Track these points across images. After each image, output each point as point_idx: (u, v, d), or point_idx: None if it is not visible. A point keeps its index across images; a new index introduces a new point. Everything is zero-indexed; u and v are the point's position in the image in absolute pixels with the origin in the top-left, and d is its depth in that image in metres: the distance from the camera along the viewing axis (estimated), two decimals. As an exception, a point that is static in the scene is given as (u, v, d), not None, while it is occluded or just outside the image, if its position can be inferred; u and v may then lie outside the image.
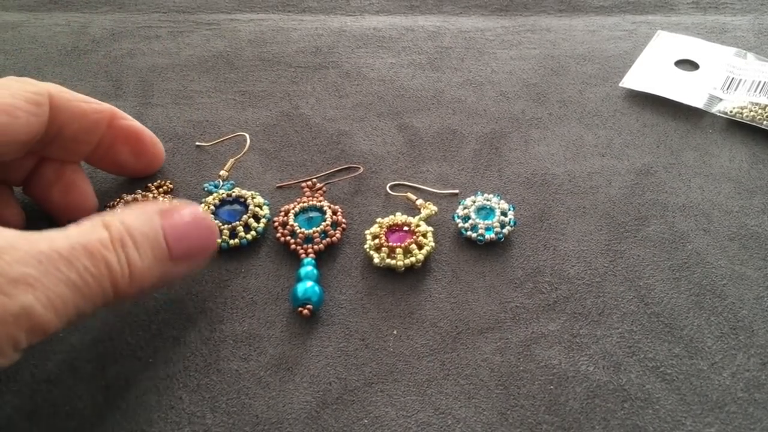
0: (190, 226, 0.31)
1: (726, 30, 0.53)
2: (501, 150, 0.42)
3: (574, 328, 0.32)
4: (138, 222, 0.29)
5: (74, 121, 0.34)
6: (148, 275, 0.29)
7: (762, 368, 0.31)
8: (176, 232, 0.30)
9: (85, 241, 0.26)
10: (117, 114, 0.37)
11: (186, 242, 0.30)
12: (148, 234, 0.29)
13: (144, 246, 0.28)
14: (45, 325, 0.24)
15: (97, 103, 0.36)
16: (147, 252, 0.28)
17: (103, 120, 0.36)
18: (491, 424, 0.29)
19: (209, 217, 0.34)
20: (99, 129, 0.36)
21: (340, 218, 0.37)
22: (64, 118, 0.34)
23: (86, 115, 0.35)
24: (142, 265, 0.28)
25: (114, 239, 0.27)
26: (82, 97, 0.35)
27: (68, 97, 0.34)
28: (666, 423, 0.29)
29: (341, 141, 0.43)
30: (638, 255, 0.36)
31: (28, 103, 0.31)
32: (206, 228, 0.32)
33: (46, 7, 0.56)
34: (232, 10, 0.56)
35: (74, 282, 0.25)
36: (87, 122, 0.35)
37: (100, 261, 0.26)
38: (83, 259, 0.26)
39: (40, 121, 0.32)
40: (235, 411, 0.29)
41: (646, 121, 0.45)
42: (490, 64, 0.50)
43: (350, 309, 0.33)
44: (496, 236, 0.36)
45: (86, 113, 0.35)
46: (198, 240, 0.31)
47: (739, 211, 0.38)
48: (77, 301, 0.25)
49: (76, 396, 0.30)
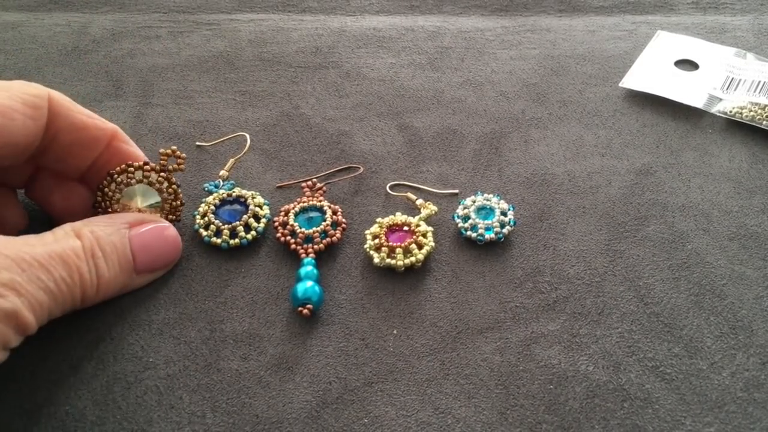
0: (155, 240, 0.33)
1: (726, 30, 0.53)
2: (501, 150, 0.42)
3: (574, 328, 0.32)
4: (107, 233, 0.31)
5: (71, 132, 0.33)
6: (113, 285, 0.31)
7: (761, 368, 0.31)
8: (142, 244, 0.32)
9: (61, 250, 0.28)
10: (119, 136, 0.35)
11: (151, 255, 0.33)
12: (116, 245, 0.31)
13: (112, 257, 0.31)
14: (27, 326, 0.27)
15: (100, 120, 0.34)
16: (114, 263, 0.31)
17: (103, 138, 0.34)
18: (491, 423, 0.29)
19: (174, 231, 0.34)
20: (97, 146, 0.34)
21: (340, 218, 0.37)
22: (61, 126, 0.33)
23: (86, 129, 0.33)
24: (108, 276, 0.30)
25: (86, 249, 0.29)
26: (86, 112, 0.34)
27: (70, 106, 0.33)
28: (665, 422, 0.29)
29: (341, 141, 0.43)
30: (638, 255, 0.36)
31: (25, 105, 0.31)
32: (171, 242, 0.34)
33: (47, 7, 0.56)
34: (232, 10, 0.56)
35: (51, 289, 0.28)
36: (85, 136, 0.33)
37: (74, 271, 0.29)
38: (60, 269, 0.28)
39: (38, 125, 0.31)
40: (235, 410, 0.29)
41: (646, 121, 0.45)
42: (490, 64, 0.50)
43: (350, 309, 0.33)
44: (495, 236, 0.36)
45: (86, 126, 0.33)
46: (162, 253, 0.34)
47: (739, 211, 0.38)
48: (51, 306, 0.28)
49: (76, 396, 0.30)
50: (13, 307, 0.26)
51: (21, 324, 0.26)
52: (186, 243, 0.36)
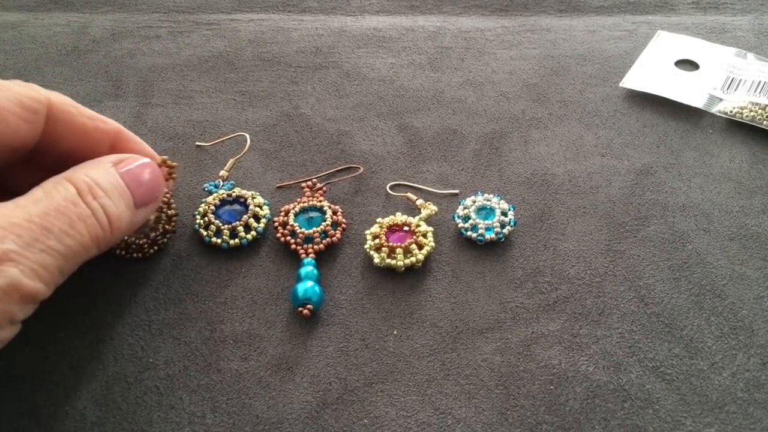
0: (143, 172, 0.32)
1: (726, 30, 0.53)
2: (501, 150, 0.42)
3: (574, 328, 0.32)
4: (99, 174, 0.30)
5: (73, 137, 0.32)
6: (123, 221, 0.30)
7: (762, 368, 0.31)
8: (134, 179, 0.31)
9: (55, 203, 0.27)
10: (123, 136, 0.34)
11: (142, 188, 0.31)
12: (112, 182, 0.30)
13: (114, 194, 0.30)
14: (35, 294, 0.26)
15: (102, 120, 0.33)
16: (118, 198, 0.30)
17: (106, 140, 0.34)
18: (491, 424, 0.29)
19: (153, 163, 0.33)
20: (100, 149, 0.33)
21: (340, 218, 0.37)
22: (63, 131, 0.32)
23: (87, 133, 0.33)
24: (117, 212, 0.29)
25: (83, 192, 0.28)
26: (88, 113, 0.33)
27: (72, 110, 0.32)
28: (666, 423, 0.29)
29: (341, 141, 0.43)
30: (638, 255, 0.36)
31: (21, 108, 0.30)
32: (154, 174, 0.33)
33: (46, 7, 0.56)
34: (232, 10, 0.56)
35: (53, 247, 0.26)
36: (87, 140, 0.33)
37: (74, 219, 0.27)
38: (58, 222, 0.26)
39: (33, 129, 0.31)
40: (235, 411, 0.29)
41: (646, 121, 0.45)
42: (490, 64, 0.50)
43: (350, 309, 0.33)
44: (496, 236, 0.36)
45: (88, 131, 0.33)
46: (151, 186, 0.32)
47: (739, 211, 0.38)
48: (60, 264, 0.26)
49: (76, 396, 0.30)
50: (10, 280, 0.24)
51: (25, 295, 0.25)
52: (186, 243, 0.36)
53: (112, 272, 0.35)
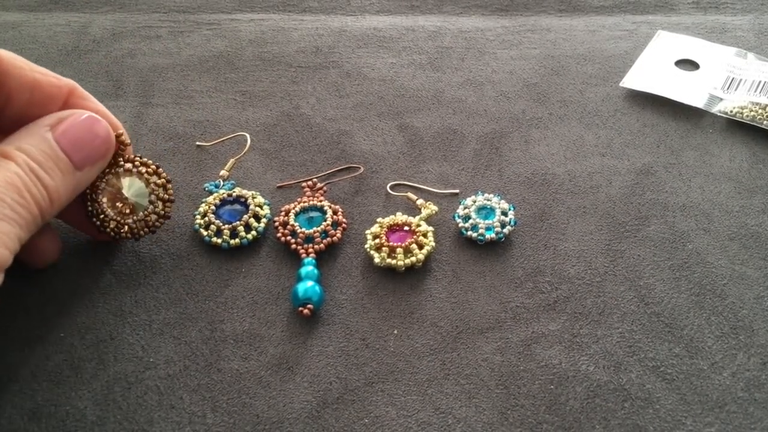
0: (82, 131, 0.31)
1: (726, 30, 0.53)
2: (501, 150, 0.42)
3: (575, 328, 0.32)
4: (33, 144, 0.30)
5: (24, 92, 0.32)
6: (62, 191, 0.30)
7: (762, 368, 0.31)
8: (71, 141, 0.31)
9: (3, 177, 0.28)
10: (76, 92, 0.33)
11: (83, 148, 0.31)
12: (47, 152, 0.30)
13: (48, 164, 0.30)
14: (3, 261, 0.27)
15: (55, 76, 0.33)
16: (53, 169, 0.30)
17: (59, 95, 0.33)
18: (491, 423, 0.29)
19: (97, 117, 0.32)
20: (53, 105, 0.33)
21: (340, 218, 0.37)
22: (13, 85, 0.31)
23: (40, 87, 0.32)
24: (53, 184, 0.30)
25: (22, 166, 0.29)
26: (39, 69, 0.32)
27: (21, 65, 0.31)
28: (666, 422, 0.29)
29: (341, 141, 0.43)
30: (638, 255, 0.36)
31: None
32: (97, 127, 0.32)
33: (47, 7, 0.56)
34: (233, 10, 0.56)
35: (9, 216, 0.27)
36: (40, 95, 0.32)
37: (23, 191, 0.28)
38: (9, 194, 0.28)
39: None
40: (235, 410, 0.29)
41: (647, 120, 0.45)
42: (490, 64, 0.50)
43: (351, 309, 0.33)
44: (496, 236, 0.36)
45: (40, 85, 0.32)
46: (94, 142, 0.32)
47: (740, 211, 0.38)
48: (18, 233, 0.28)
49: (76, 396, 0.30)
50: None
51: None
52: (186, 243, 0.36)
53: (112, 272, 0.35)
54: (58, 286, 0.34)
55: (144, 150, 0.42)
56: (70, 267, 0.35)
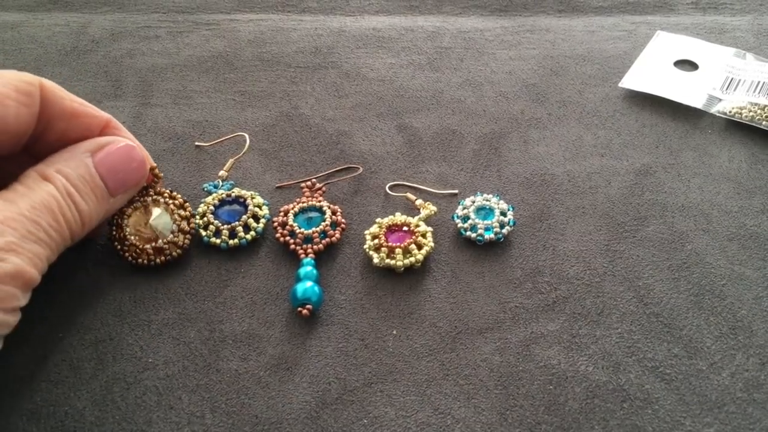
0: (120, 159, 0.33)
1: (725, 30, 0.53)
2: (500, 150, 0.42)
3: (574, 329, 0.32)
4: (73, 168, 0.31)
5: (63, 120, 0.33)
6: (94, 215, 0.31)
7: (761, 368, 0.31)
8: (109, 168, 0.32)
9: (41, 198, 0.29)
10: (112, 124, 0.35)
11: (120, 175, 0.33)
12: (85, 177, 0.31)
13: (85, 190, 0.31)
14: (32, 281, 0.28)
15: (93, 108, 0.34)
16: (89, 194, 0.31)
17: (96, 126, 0.34)
18: (490, 424, 0.29)
19: (132, 145, 0.34)
20: (90, 135, 0.33)
21: (339, 218, 0.37)
22: (54, 113, 0.32)
23: (78, 117, 0.33)
24: (88, 209, 0.31)
25: (60, 190, 0.30)
26: (79, 100, 0.33)
27: (62, 94, 0.33)
28: (665, 423, 0.29)
29: (341, 141, 0.43)
30: (637, 255, 0.36)
31: (18, 92, 0.30)
32: (135, 157, 0.34)
33: (46, 7, 0.56)
34: (232, 10, 0.56)
35: (43, 239, 0.28)
36: (77, 125, 0.33)
37: (58, 215, 0.29)
38: (46, 217, 0.29)
39: (31, 113, 0.31)
40: (234, 411, 0.29)
41: (646, 121, 0.45)
42: (489, 65, 0.50)
43: (350, 309, 0.33)
44: (495, 236, 0.36)
45: (78, 114, 0.33)
46: (130, 171, 0.33)
47: (739, 212, 0.38)
48: (48, 254, 0.29)
49: (75, 396, 0.30)
50: (15, 267, 0.26)
51: (26, 281, 0.27)
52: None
53: (111, 273, 0.35)
54: (57, 286, 0.34)
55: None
56: (69, 267, 0.35)
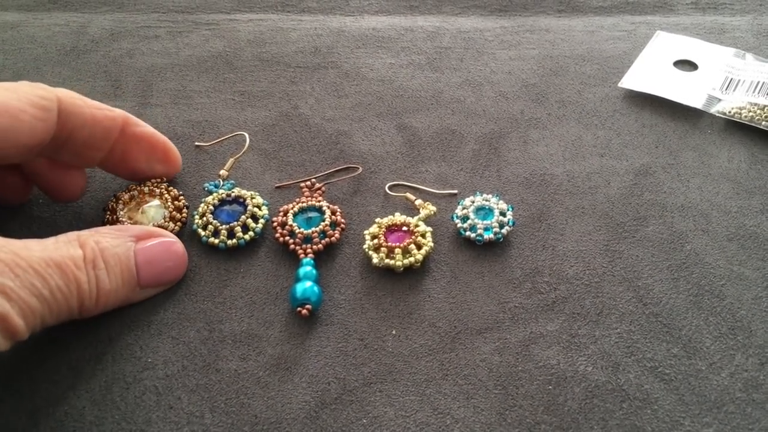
0: (162, 254, 0.33)
1: (725, 30, 0.53)
2: (500, 150, 0.42)
3: (573, 329, 0.32)
4: (112, 244, 0.31)
5: (85, 128, 0.34)
6: (113, 297, 0.31)
7: (760, 368, 0.31)
8: (148, 258, 0.32)
9: (60, 258, 0.28)
10: (130, 120, 0.36)
11: (156, 270, 0.32)
12: (120, 257, 0.31)
13: (115, 270, 0.30)
14: (16, 331, 0.26)
15: (109, 109, 0.35)
16: (117, 276, 0.30)
17: (116, 127, 0.35)
18: (490, 424, 0.29)
19: (181, 246, 0.34)
20: (111, 135, 0.35)
21: (339, 218, 0.37)
22: (75, 123, 0.33)
23: (98, 122, 0.34)
24: (109, 288, 0.30)
25: (87, 259, 0.29)
26: (94, 104, 0.34)
27: (80, 103, 0.33)
28: (664, 423, 0.29)
29: (340, 141, 0.43)
30: (637, 255, 0.36)
31: (34, 107, 0.31)
32: (177, 257, 0.34)
33: (45, 7, 0.56)
34: (231, 10, 0.56)
35: (45, 297, 0.27)
36: (99, 129, 0.34)
37: (71, 280, 0.28)
38: (56, 277, 0.27)
39: (47, 126, 0.32)
40: (233, 411, 0.29)
41: (645, 121, 0.45)
42: (489, 65, 0.50)
43: (349, 309, 0.33)
44: (494, 236, 0.36)
45: (98, 120, 0.34)
46: (168, 268, 0.33)
47: (738, 212, 0.38)
48: (44, 313, 0.27)
49: (74, 396, 0.30)
50: (2, 310, 0.25)
51: (10, 328, 0.26)
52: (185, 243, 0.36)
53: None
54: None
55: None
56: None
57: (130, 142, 0.36)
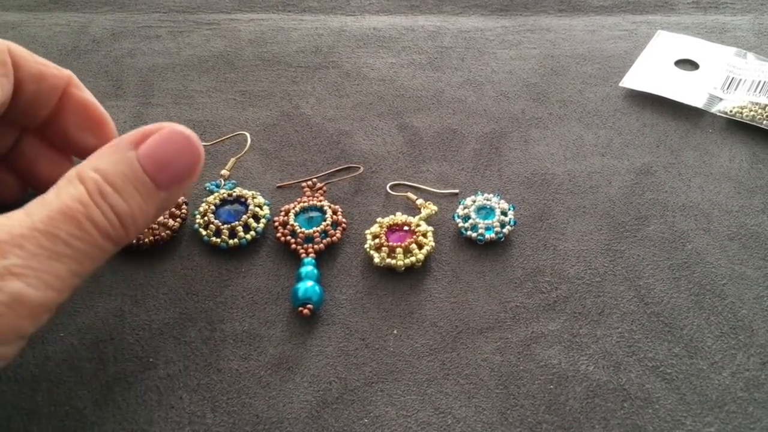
0: (168, 148, 0.29)
1: (726, 30, 0.53)
2: (501, 150, 0.42)
3: (574, 328, 0.32)
4: (112, 163, 0.27)
5: (32, 82, 0.32)
6: (140, 215, 0.28)
7: (762, 368, 0.31)
8: (154, 159, 0.28)
9: (62, 205, 0.25)
10: (73, 82, 0.34)
11: (169, 166, 0.29)
12: (126, 173, 0.27)
13: (126, 188, 0.27)
14: (47, 303, 0.24)
15: (56, 67, 0.33)
16: (131, 193, 0.27)
17: (60, 85, 0.33)
18: (491, 423, 0.29)
19: (182, 131, 0.29)
20: (55, 93, 0.33)
21: (340, 218, 0.37)
22: (23, 77, 0.31)
23: (44, 78, 0.32)
24: (130, 209, 0.27)
25: (91, 192, 0.26)
26: (42, 60, 0.32)
27: (27, 57, 0.32)
28: (666, 422, 0.29)
29: (341, 141, 0.43)
30: (638, 255, 0.36)
31: None
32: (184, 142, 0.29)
33: (46, 7, 0.56)
34: (232, 9, 0.56)
35: (62, 252, 0.25)
36: (45, 85, 0.32)
37: (83, 222, 0.25)
38: (65, 227, 0.25)
39: (10, 81, 0.30)
40: (235, 410, 0.29)
41: (646, 120, 0.45)
42: (490, 64, 0.50)
43: (350, 309, 0.33)
44: (496, 236, 0.36)
45: (45, 76, 0.32)
46: (181, 159, 0.29)
47: (739, 211, 0.38)
48: (73, 268, 0.25)
49: (76, 396, 0.30)
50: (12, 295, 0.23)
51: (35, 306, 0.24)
52: (186, 243, 0.36)
53: (112, 272, 0.35)
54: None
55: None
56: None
57: (67, 104, 0.34)
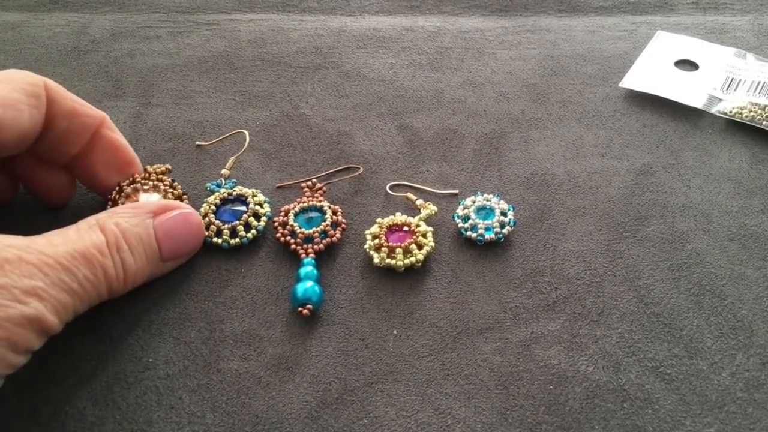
0: (179, 227, 0.33)
1: (726, 30, 0.53)
2: (501, 150, 0.42)
3: (574, 328, 0.32)
4: (132, 224, 0.31)
5: (65, 119, 0.33)
6: (140, 275, 0.31)
7: (761, 368, 0.31)
8: (167, 232, 0.32)
9: (84, 248, 0.28)
10: (107, 123, 0.36)
11: (176, 242, 0.33)
12: (141, 236, 0.31)
13: (138, 249, 0.31)
14: (50, 328, 0.27)
15: (90, 107, 0.35)
16: (141, 254, 0.31)
17: (93, 125, 0.35)
18: (491, 424, 0.29)
19: (197, 216, 0.35)
20: (87, 132, 0.35)
21: (340, 218, 0.37)
22: (57, 112, 0.33)
23: (77, 116, 0.34)
24: (135, 268, 0.30)
25: (110, 243, 0.29)
26: (77, 99, 0.34)
27: (63, 93, 0.33)
28: (665, 423, 0.29)
29: (341, 141, 0.43)
30: (638, 255, 0.36)
31: (29, 96, 0.31)
32: (194, 228, 0.34)
33: (46, 7, 0.56)
34: (232, 10, 0.56)
35: (74, 290, 0.27)
36: (77, 123, 0.34)
37: (97, 268, 0.28)
38: (83, 269, 0.28)
39: (41, 114, 0.32)
40: (235, 411, 0.29)
41: (646, 121, 0.45)
42: (489, 65, 0.50)
43: (350, 309, 0.33)
44: (495, 236, 0.36)
45: (78, 114, 0.34)
46: (186, 239, 0.34)
47: (739, 211, 0.38)
48: (75, 305, 0.28)
49: (76, 396, 0.30)
50: (36, 312, 0.26)
51: (45, 327, 0.26)
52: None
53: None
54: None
55: (144, 150, 0.42)
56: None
57: (97, 144, 0.35)
